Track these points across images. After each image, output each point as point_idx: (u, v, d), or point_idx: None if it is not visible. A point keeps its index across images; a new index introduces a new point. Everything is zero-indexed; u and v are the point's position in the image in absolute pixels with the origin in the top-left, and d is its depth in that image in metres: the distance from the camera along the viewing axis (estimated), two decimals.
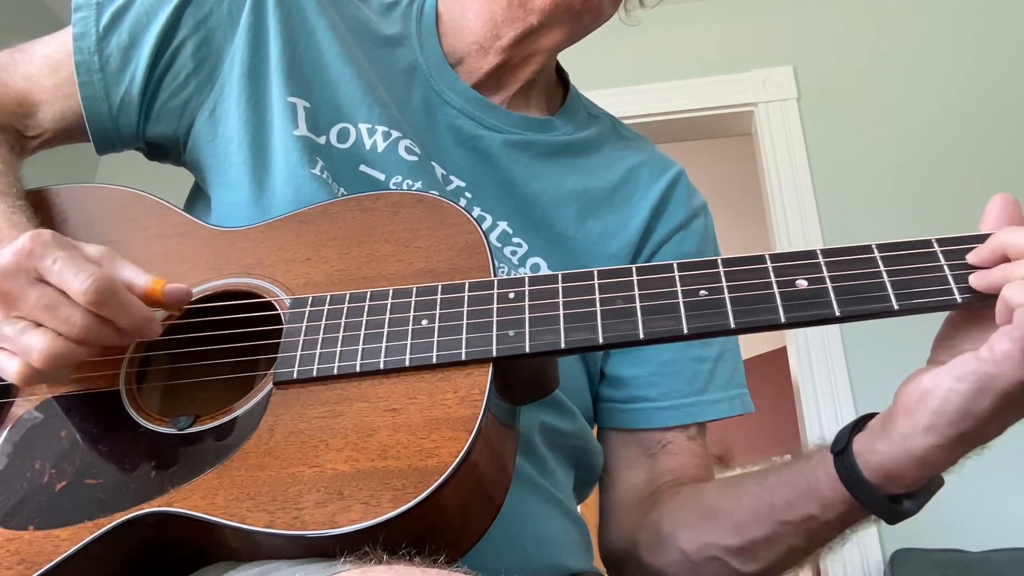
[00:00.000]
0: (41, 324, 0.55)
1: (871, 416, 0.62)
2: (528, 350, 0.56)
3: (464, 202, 0.80)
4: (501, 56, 0.84)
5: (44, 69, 0.78)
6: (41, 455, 0.59)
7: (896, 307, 0.53)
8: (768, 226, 2.46)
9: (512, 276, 0.61)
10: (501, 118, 0.84)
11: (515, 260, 0.80)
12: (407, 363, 0.56)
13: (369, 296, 0.61)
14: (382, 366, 0.57)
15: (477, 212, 0.80)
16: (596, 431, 0.88)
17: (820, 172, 2.40)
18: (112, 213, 0.73)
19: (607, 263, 0.83)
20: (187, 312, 0.64)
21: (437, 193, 0.69)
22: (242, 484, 0.53)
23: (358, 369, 0.57)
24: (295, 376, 0.58)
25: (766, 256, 0.57)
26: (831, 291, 0.54)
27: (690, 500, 0.76)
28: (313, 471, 0.52)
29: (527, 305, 0.58)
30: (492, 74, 0.85)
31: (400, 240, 0.65)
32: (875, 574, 1.97)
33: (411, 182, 0.76)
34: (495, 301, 0.58)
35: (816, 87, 2.52)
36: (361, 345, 0.58)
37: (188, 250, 0.68)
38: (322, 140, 0.76)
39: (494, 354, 0.56)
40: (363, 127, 0.78)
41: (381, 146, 0.77)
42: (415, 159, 0.77)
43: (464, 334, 0.57)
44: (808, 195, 2.37)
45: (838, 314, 0.53)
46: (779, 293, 0.55)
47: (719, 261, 0.57)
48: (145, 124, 0.77)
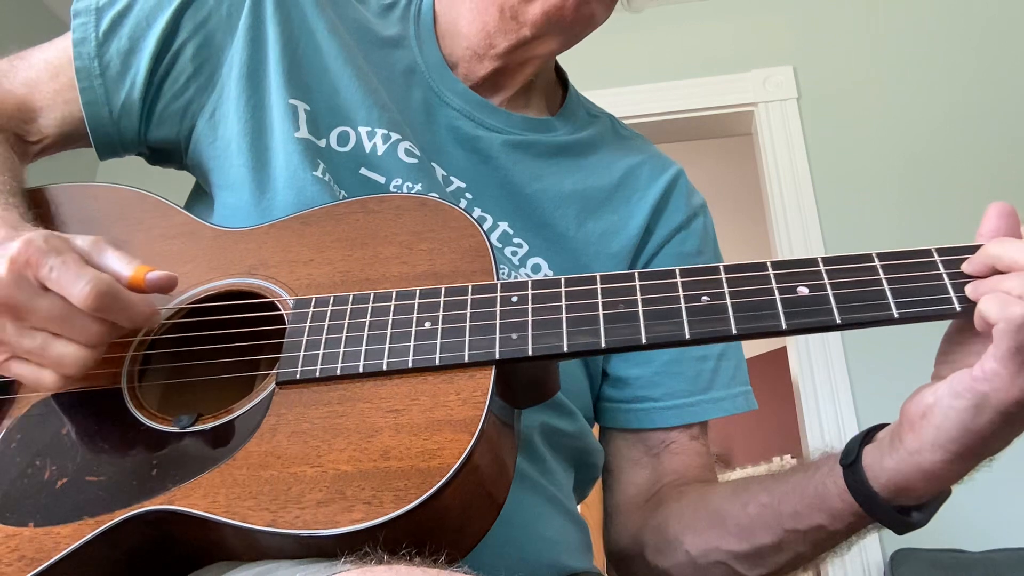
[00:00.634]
0: (59, 335, 0.56)
1: (880, 427, 0.62)
2: (531, 353, 0.56)
3: (464, 203, 0.80)
4: (496, 62, 0.84)
5: (44, 75, 0.78)
6: (42, 452, 0.59)
7: (896, 315, 0.53)
8: (768, 226, 2.46)
9: (513, 277, 0.61)
10: (501, 119, 0.84)
11: (516, 260, 0.80)
12: (410, 364, 0.57)
13: (372, 298, 0.61)
14: (385, 367, 0.57)
15: (477, 213, 0.80)
16: (598, 431, 0.88)
17: (820, 172, 2.40)
18: (116, 212, 0.73)
19: (607, 263, 0.83)
20: (190, 311, 0.65)
21: (439, 196, 0.69)
22: (244, 483, 0.53)
23: (361, 370, 0.57)
24: (298, 376, 0.58)
25: (768, 263, 0.57)
26: (832, 299, 0.54)
27: (696, 503, 0.76)
28: (315, 471, 0.52)
29: (530, 308, 0.58)
30: (489, 78, 0.85)
31: (403, 243, 0.65)
32: (875, 574, 1.97)
33: (411, 184, 0.76)
34: (498, 304, 0.59)
35: (816, 87, 2.51)
36: (364, 346, 0.58)
37: (191, 250, 0.69)
38: (323, 143, 0.76)
39: (497, 356, 0.56)
40: (363, 130, 0.78)
41: (381, 149, 0.77)
42: (415, 161, 0.77)
43: (467, 336, 0.57)
44: (808, 195, 2.37)
45: (839, 321, 0.54)
46: (780, 300, 0.55)
47: (721, 267, 0.58)
48: (147, 128, 0.77)
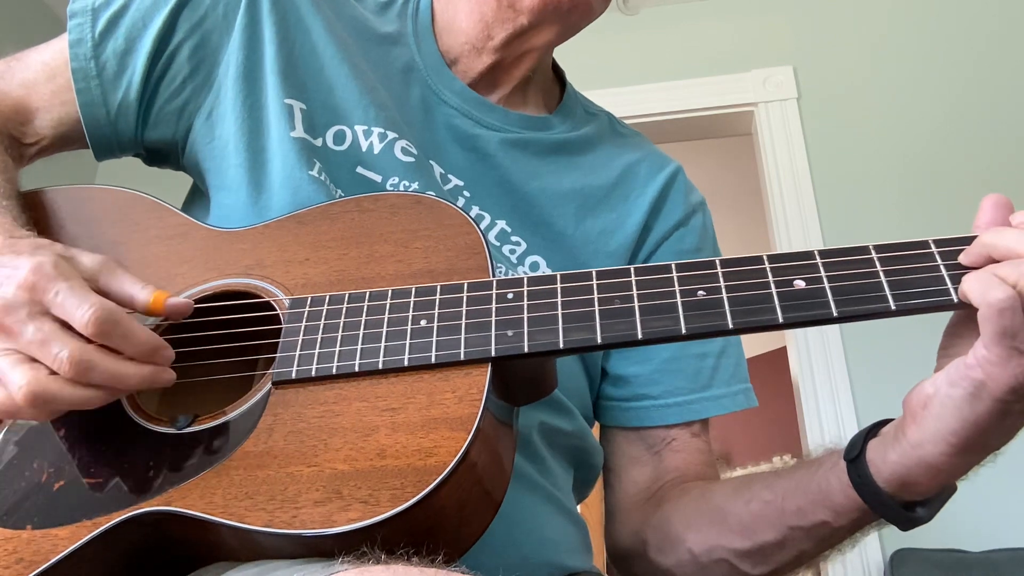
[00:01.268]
0: (35, 360, 0.55)
1: (885, 423, 0.62)
2: (527, 350, 0.56)
3: (462, 201, 0.80)
4: (494, 56, 0.84)
5: (41, 76, 0.78)
6: (40, 454, 0.59)
7: (893, 307, 0.53)
8: (768, 226, 2.46)
9: (511, 275, 0.61)
10: (498, 117, 0.84)
11: (514, 259, 0.80)
12: (406, 363, 0.56)
13: (368, 296, 0.61)
14: (381, 366, 0.57)
15: (475, 211, 0.80)
16: (598, 429, 0.88)
17: (820, 172, 2.40)
18: (112, 214, 0.73)
19: (606, 261, 0.83)
20: None
21: (435, 194, 0.69)
22: (240, 483, 0.53)
23: (357, 369, 0.57)
24: (294, 376, 0.58)
25: (764, 257, 0.57)
26: (828, 291, 0.54)
27: (698, 501, 0.76)
28: (312, 470, 0.52)
29: (526, 305, 0.58)
30: (487, 73, 0.85)
31: (399, 241, 0.65)
32: (875, 574, 1.96)
33: (408, 183, 0.76)
34: (494, 301, 0.58)
35: (816, 87, 2.52)
36: (360, 345, 0.58)
37: (187, 251, 0.68)
38: (319, 142, 0.76)
39: (493, 354, 0.56)
40: (359, 129, 0.78)
41: (377, 147, 0.77)
42: (412, 160, 0.77)
43: (463, 334, 0.57)
44: (808, 195, 2.37)
45: (835, 314, 0.53)
46: (777, 293, 0.55)
47: (717, 262, 0.57)
48: (143, 129, 0.77)
